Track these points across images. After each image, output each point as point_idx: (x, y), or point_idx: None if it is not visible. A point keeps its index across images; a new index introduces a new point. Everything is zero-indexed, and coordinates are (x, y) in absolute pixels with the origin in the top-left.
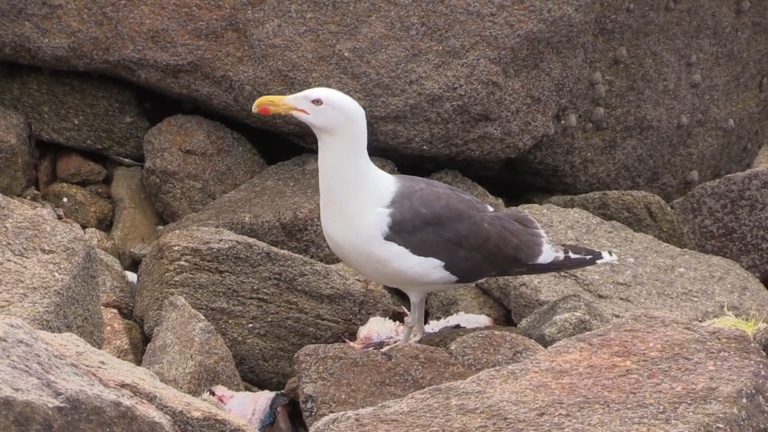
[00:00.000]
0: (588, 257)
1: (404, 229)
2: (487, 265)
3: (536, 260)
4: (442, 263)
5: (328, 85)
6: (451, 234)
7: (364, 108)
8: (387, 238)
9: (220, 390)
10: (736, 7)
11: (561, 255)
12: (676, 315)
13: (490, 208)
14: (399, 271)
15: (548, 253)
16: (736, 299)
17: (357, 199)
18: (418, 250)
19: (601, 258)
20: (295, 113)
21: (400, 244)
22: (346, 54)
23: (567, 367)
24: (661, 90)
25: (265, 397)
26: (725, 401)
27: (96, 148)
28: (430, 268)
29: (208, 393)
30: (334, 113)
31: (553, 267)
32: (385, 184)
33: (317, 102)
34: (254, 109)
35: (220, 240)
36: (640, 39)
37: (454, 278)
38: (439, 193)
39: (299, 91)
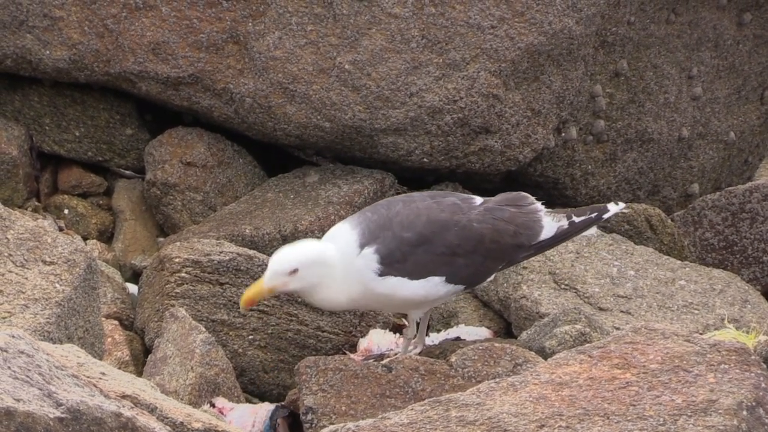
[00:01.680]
0: (594, 215)
1: (395, 260)
2: (490, 262)
3: (539, 238)
4: (443, 277)
5: (329, 98)
6: (443, 247)
7: (365, 121)
8: (382, 274)
9: (221, 402)
10: (738, 19)
11: (565, 223)
12: (677, 327)
13: (478, 201)
14: (406, 299)
15: (550, 226)
16: (737, 312)
17: (337, 270)
18: (416, 274)
19: (608, 211)
20: (278, 291)
21: (396, 275)
22: (346, 66)
23: (567, 379)
24: (662, 103)
25: (264, 409)
26: (725, 414)
27: (97, 160)
28: (433, 287)
29: (209, 405)
30: (316, 270)
31: (560, 238)
32: (343, 234)
33: (294, 272)
34: (242, 309)
35: (221, 252)
36: (641, 52)
37: (460, 287)
38: (418, 210)
39: (300, 103)
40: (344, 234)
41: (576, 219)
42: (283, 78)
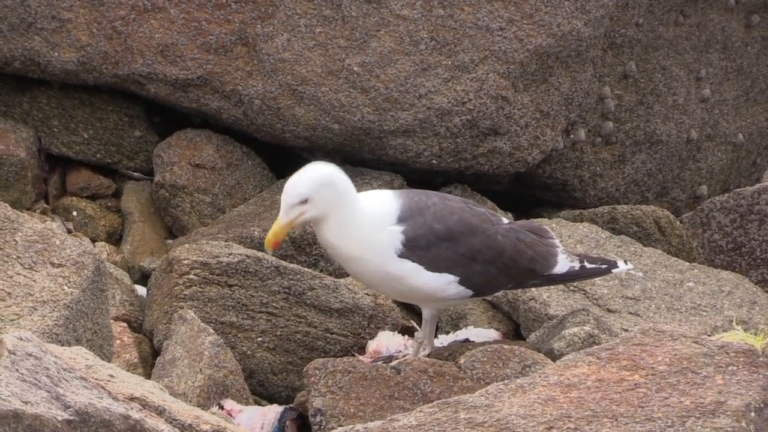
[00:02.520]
0: (604, 266)
1: (418, 246)
2: (503, 278)
3: (552, 271)
4: (457, 278)
5: (337, 100)
6: (465, 249)
7: (374, 122)
8: (401, 255)
9: (229, 404)
10: (746, 21)
11: (576, 265)
12: (685, 329)
13: (505, 221)
14: (415, 287)
15: (563, 264)
16: (745, 313)
17: (361, 230)
18: (433, 266)
19: (617, 267)
20: (299, 221)
21: (414, 261)
22: (355, 68)
23: (575, 381)
24: (670, 104)
25: (273, 411)
26: (733, 415)
27: (105, 162)
28: (445, 284)
29: (217, 407)
30: (327, 192)
31: (568, 277)
32: (387, 204)
33: (305, 201)
34: (269, 251)
35: (230, 254)
36: (650, 53)
37: (469, 293)
38: (452, 207)
39: (309, 105)
40: (386, 200)
41: (587, 265)
42: (291, 80)
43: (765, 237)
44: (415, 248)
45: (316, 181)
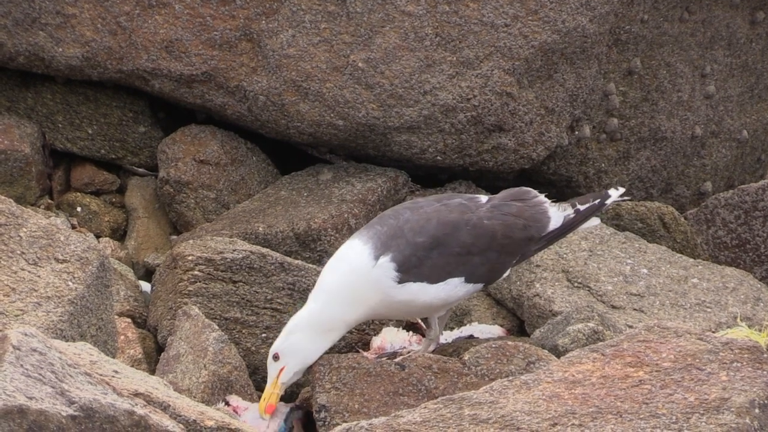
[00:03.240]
0: (597, 201)
1: (412, 265)
2: (504, 257)
3: (549, 229)
4: (462, 278)
5: (342, 96)
6: (457, 248)
7: (378, 119)
8: (400, 281)
9: (234, 400)
10: (751, 18)
11: (570, 212)
12: (689, 326)
13: (483, 199)
14: (426, 303)
15: (557, 216)
16: (750, 310)
17: (353, 292)
18: (434, 277)
19: (609, 197)
20: (283, 380)
21: (415, 281)
22: (360, 64)
23: (580, 377)
24: (675, 101)
25: (279, 410)
26: (738, 412)
27: (110, 157)
28: (452, 289)
29: (223, 403)
30: (293, 339)
31: (568, 227)
32: (356, 249)
33: (276, 357)
34: (264, 417)
35: (234, 250)
36: (655, 50)
37: (479, 285)
38: (427, 214)
39: (314, 101)
40: (356, 250)
41: (581, 207)
42: (296, 76)
43: None
44: (410, 269)
45: (279, 339)
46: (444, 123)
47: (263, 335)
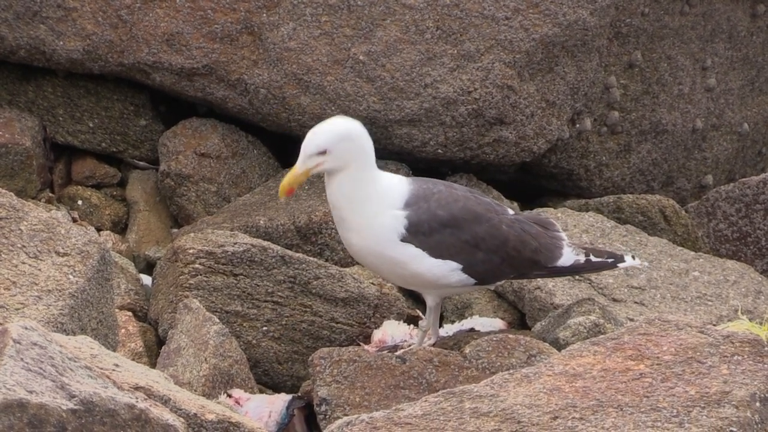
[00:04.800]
0: (610, 260)
1: (421, 231)
2: (506, 267)
3: (556, 263)
4: (460, 266)
5: (343, 89)
6: (469, 236)
7: (379, 112)
8: (403, 239)
9: (237, 392)
10: (752, 11)
11: (582, 258)
12: (690, 319)
13: (511, 211)
14: (417, 273)
15: (569, 256)
16: (750, 303)
17: (369, 205)
18: (435, 252)
19: (624, 261)
20: (316, 171)
21: (417, 246)
22: (361, 57)
23: (581, 370)
24: (675, 94)
25: (281, 399)
26: (739, 405)
27: (111, 151)
28: (448, 271)
29: (225, 395)
30: (345, 146)
31: (574, 270)
32: (397, 187)
33: (323, 152)
34: (282, 198)
35: (235, 243)
36: (655, 43)
37: (472, 281)
38: (457, 195)
39: (315, 94)
40: (397, 183)
41: (593, 259)
42: (297, 69)
43: None
44: (417, 233)
45: (336, 134)
46: (445, 116)
47: (264, 328)
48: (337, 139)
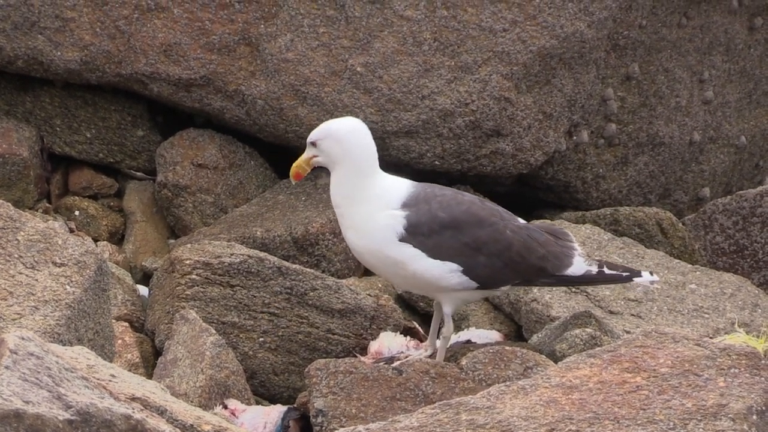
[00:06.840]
0: (625, 274)
1: (420, 232)
2: (509, 272)
3: (565, 271)
4: (460, 268)
5: (340, 100)
6: (470, 239)
7: (376, 123)
8: (402, 239)
9: (233, 403)
10: (749, 24)
11: (594, 269)
12: (687, 331)
13: (521, 221)
14: (416, 273)
15: (580, 266)
16: (747, 316)
17: (367, 205)
18: (434, 253)
19: (640, 276)
20: (313, 162)
21: (415, 247)
22: (358, 69)
23: (577, 383)
24: (673, 106)
25: (277, 410)
26: (735, 418)
27: (108, 161)
28: (447, 272)
29: (221, 406)
30: (329, 144)
31: (584, 280)
32: (397, 188)
33: (313, 144)
34: (293, 182)
35: (232, 254)
36: (653, 55)
37: (474, 284)
38: (462, 199)
39: (312, 105)
40: (399, 186)
41: (606, 271)
42: (294, 80)
43: (767, 239)
44: (416, 234)
45: (323, 131)
46: (442, 128)
47: (260, 339)
48: (322, 135)
